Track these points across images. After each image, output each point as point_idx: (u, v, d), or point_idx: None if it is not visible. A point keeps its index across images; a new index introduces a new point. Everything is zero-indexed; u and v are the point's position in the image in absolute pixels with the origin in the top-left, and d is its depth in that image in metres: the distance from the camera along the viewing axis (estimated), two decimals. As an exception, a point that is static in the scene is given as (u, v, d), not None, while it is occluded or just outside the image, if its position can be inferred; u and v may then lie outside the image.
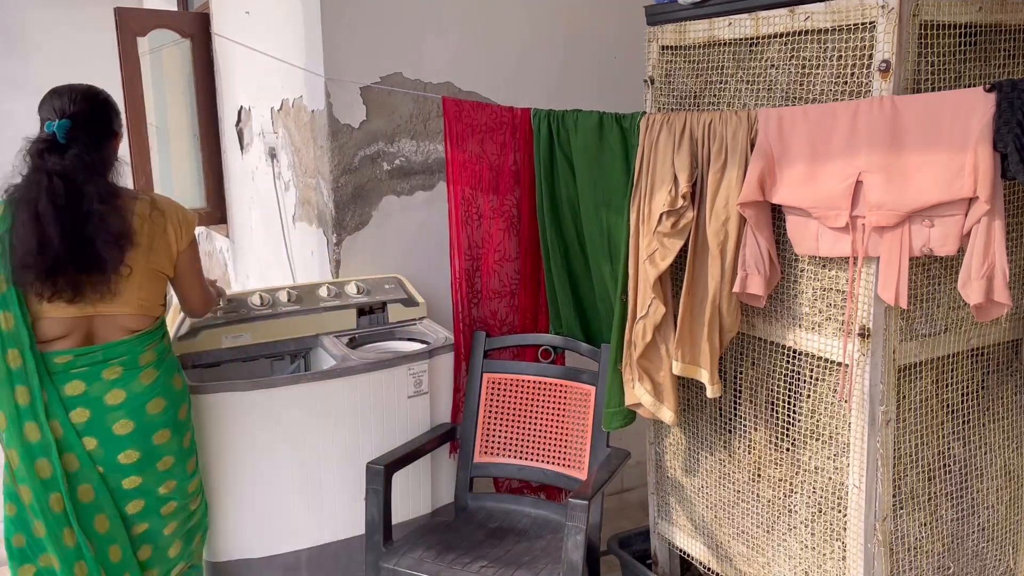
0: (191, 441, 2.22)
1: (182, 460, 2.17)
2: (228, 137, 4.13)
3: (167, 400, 2.09)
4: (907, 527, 1.90)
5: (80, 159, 1.94)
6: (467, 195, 2.63)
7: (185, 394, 2.20)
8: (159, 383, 2.08)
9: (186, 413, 2.20)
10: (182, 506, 2.20)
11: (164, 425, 2.09)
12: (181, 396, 2.17)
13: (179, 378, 2.18)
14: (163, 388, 2.09)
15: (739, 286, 1.96)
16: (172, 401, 2.11)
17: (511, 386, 2.61)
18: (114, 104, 2.14)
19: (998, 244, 1.57)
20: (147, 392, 2.05)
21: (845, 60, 1.75)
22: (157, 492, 2.12)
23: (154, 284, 2.08)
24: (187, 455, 2.19)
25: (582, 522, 2.01)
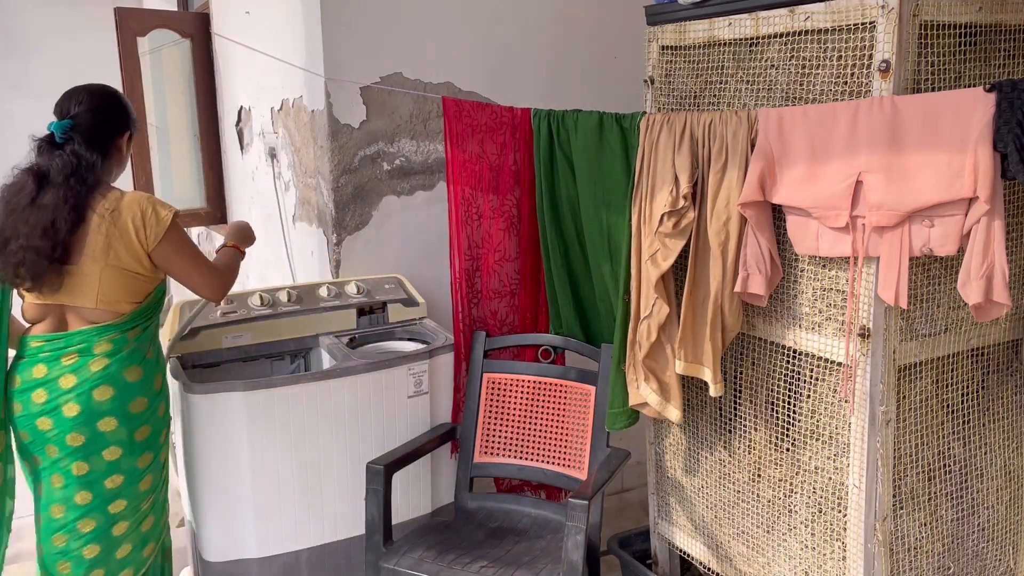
0: (148, 439, 2.18)
1: (131, 454, 2.14)
2: (228, 137, 4.13)
3: (115, 389, 2.10)
4: (907, 527, 1.90)
5: (71, 158, 2.06)
6: (467, 195, 2.63)
7: (145, 390, 2.15)
8: (108, 371, 2.10)
9: (143, 408, 2.15)
10: (132, 506, 2.18)
11: (110, 413, 2.09)
12: (137, 389, 2.13)
13: (137, 371, 2.13)
14: (112, 377, 2.10)
15: (740, 286, 1.96)
16: (121, 391, 2.10)
17: (511, 386, 2.61)
18: (121, 102, 2.21)
19: (998, 244, 1.57)
20: (95, 379, 2.08)
21: (845, 60, 1.75)
22: (104, 485, 2.13)
23: (119, 281, 2.09)
24: (139, 450, 2.16)
25: (582, 522, 2.01)
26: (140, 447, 2.16)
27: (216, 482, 2.36)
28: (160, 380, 2.22)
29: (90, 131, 2.10)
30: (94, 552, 2.16)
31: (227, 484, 2.36)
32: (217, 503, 2.37)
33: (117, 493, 2.16)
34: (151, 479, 2.22)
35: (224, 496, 2.37)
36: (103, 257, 2.06)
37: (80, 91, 2.15)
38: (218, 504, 2.37)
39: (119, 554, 2.20)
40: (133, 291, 2.13)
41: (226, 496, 2.36)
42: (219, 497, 2.37)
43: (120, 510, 2.17)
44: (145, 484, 2.20)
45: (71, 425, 2.07)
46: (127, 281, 2.11)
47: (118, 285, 2.10)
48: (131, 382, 2.12)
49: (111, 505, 2.16)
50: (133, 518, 2.20)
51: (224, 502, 2.37)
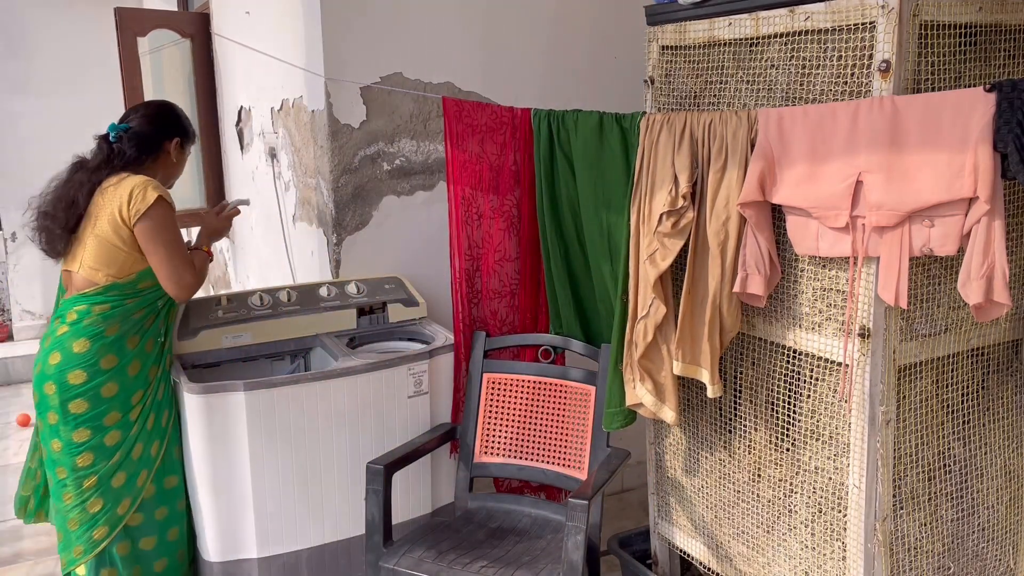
0: (85, 415, 2.28)
1: (65, 424, 2.28)
2: (228, 137, 4.13)
3: (62, 356, 2.27)
4: (907, 527, 1.90)
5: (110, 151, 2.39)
6: (467, 195, 2.63)
7: (87, 363, 2.26)
8: (63, 339, 2.28)
9: (80, 381, 2.26)
10: (74, 478, 2.30)
11: (51, 378, 2.27)
12: (78, 360, 2.26)
13: (84, 343, 2.26)
14: (63, 345, 2.28)
15: (739, 286, 1.96)
16: (65, 359, 2.27)
17: (511, 386, 2.61)
18: (175, 113, 2.55)
19: (998, 244, 1.57)
20: (53, 344, 2.30)
21: (845, 60, 1.75)
22: (51, 447, 2.32)
23: (99, 249, 2.30)
24: (71, 422, 2.28)
25: (582, 522, 2.01)
26: (74, 419, 2.28)
27: (216, 482, 2.36)
28: (113, 361, 2.30)
29: (139, 133, 2.42)
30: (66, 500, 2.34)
31: (227, 484, 2.36)
32: (217, 503, 2.37)
33: (58, 459, 2.32)
34: (90, 458, 2.30)
35: (224, 496, 2.37)
36: (91, 227, 2.30)
37: (142, 104, 2.56)
38: (218, 504, 2.37)
39: (70, 525, 2.33)
40: (111, 261, 2.30)
41: (226, 496, 2.36)
42: (219, 497, 2.37)
43: (63, 478, 2.32)
44: (84, 460, 2.30)
45: (35, 381, 2.32)
46: (105, 250, 2.29)
47: (98, 252, 2.29)
48: (75, 352, 2.27)
49: (57, 468, 2.33)
50: (75, 492, 2.31)
51: (224, 502, 2.37)
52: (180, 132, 2.51)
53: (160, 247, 2.29)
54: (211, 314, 2.58)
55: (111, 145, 2.40)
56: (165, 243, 2.29)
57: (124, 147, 2.38)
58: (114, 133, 2.40)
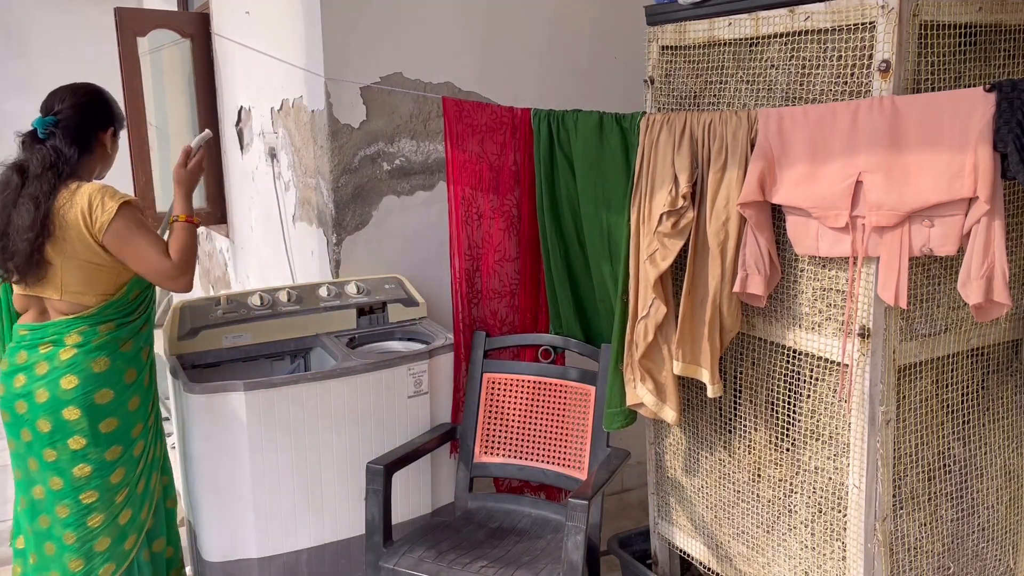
0: (117, 432, 2.20)
1: (96, 445, 2.18)
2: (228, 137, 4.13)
3: (80, 379, 2.15)
4: (907, 527, 1.90)
5: (51, 153, 2.12)
6: (467, 195, 2.63)
7: (112, 382, 2.18)
8: (75, 361, 2.15)
9: (108, 400, 2.18)
10: (105, 499, 2.22)
11: (73, 403, 2.14)
12: (103, 380, 2.17)
13: (104, 361, 2.17)
14: (79, 367, 2.15)
15: (739, 286, 1.96)
16: (86, 381, 2.15)
17: (511, 386, 2.61)
18: (104, 98, 2.27)
19: (998, 244, 1.57)
20: (63, 368, 2.15)
21: (845, 60, 1.75)
22: (72, 473, 2.18)
23: (78, 272, 2.14)
24: (104, 442, 2.19)
25: (582, 522, 2.01)
26: (106, 439, 2.19)
27: (216, 482, 2.36)
28: (134, 375, 2.24)
29: (72, 127, 2.15)
30: (71, 540, 2.21)
31: (227, 484, 2.36)
32: (217, 503, 2.37)
33: (87, 483, 2.20)
34: (123, 473, 2.24)
35: (224, 496, 2.37)
36: (61, 250, 2.11)
37: (64, 89, 2.21)
38: (218, 504, 2.37)
39: (97, 547, 2.23)
40: (96, 282, 2.16)
41: (226, 496, 2.36)
42: (219, 497, 2.37)
43: (92, 501, 2.21)
44: (116, 477, 2.23)
45: (40, 411, 2.15)
46: (87, 272, 2.15)
47: (78, 276, 2.14)
48: (96, 372, 2.16)
49: (83, 495, 2.20)
50: (108, 511, 2.23)
51: (224, 502, 2.37)
52: (114, 120, 2.27)
53: (134, 251, 2.12)
54: (211, 314, 2.58)
55: (43, 143, 2.14)
56: (138, 245, 2.12)
57: (59, 146, 2.12)
58: (43, 129, 2.15)
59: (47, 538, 2.23)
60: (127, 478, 2.25)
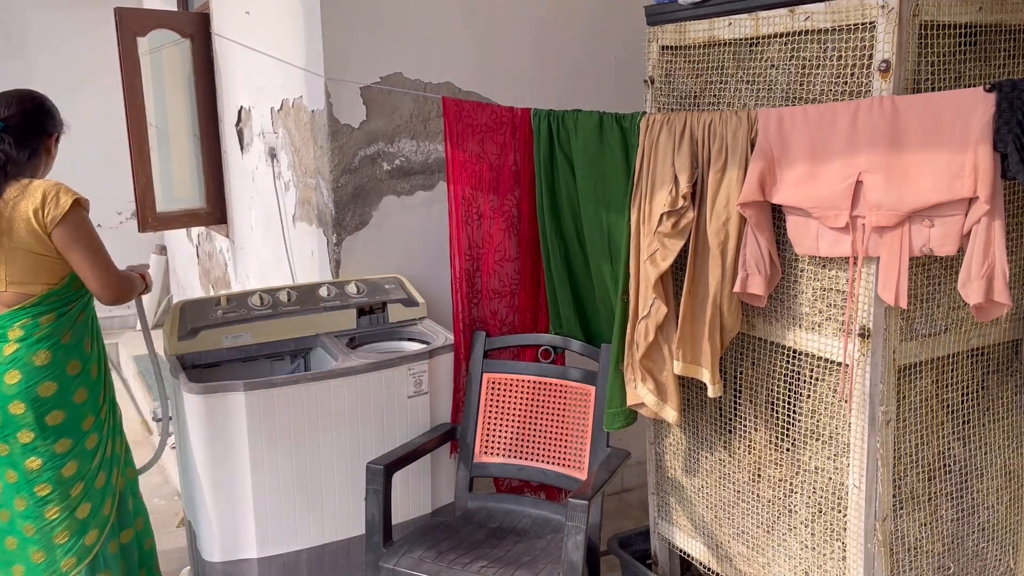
0: (63, 425, 2.25)
1: (44, 438, 2.23)
2: (228, 137, 4.13)
3: (22, 373, 2.21)
4: (907, 527, 1.90)
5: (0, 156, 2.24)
6: (467, 195, 2.63)
7: (54, 374, 2.23)
8: (17, 356, 2.21)
9: (51, 392, 2.22)
10: (60, 492, 2.26)
11: (17, 397, 2.20)
12: (44, 373, 2.22)
13: (45, 354, 2.22)
14: (19, 361, 2.21)
15: (740, 286, 1.96)
16: (28, 375, 2.21)
17: (511, 386, 2.60)
18: (46, 106, 2.38)
19: (998, 244, 1.57)
20: (5, 364, 2.21)
21: (845, 60, 1.75)
22: (25, 466, 2.24)
23: (24, 261, 2.21)
24: (52, 434, 2.24)
25: (582, 522, 2.01)
26: (54, 431, 2.25)
27: (216, 482, 2.36)
28: (78, 367, 2.28)
29: (21, 132, 2.28)
30: (31, 531, 2.28)
31: (227, 484, 2.36)
32: (217, 503, 2.37)
33: (38, 475, 2.25)
34: (76, 466, 2.29)
35: (224, 496, 2.36)
36: (7, 240, 2.19)
37: (10, 96, 2.33)
38: (218, 504, 2.37)
39: (57, 539, 2.29)
40: (40, 271, 2.23)
41: (226, 496, 2.36)
42: (219, 497, 2.37)
43: (47, 493, 2.26)
44: (69, 470, 2.28)
45: None
46: (32, 261, 2.21)
47: (24, 266, 2.21)
48: (38, 366, 2.22)
49: (36, 487, 2.26)
50: (63, 503, 2.28)
51: (224, 502, 2.37)
52: (57, 127, 2.40)
53: (79, 251, 2.22)
54: (211, 314, 2.58)
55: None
56: (84, 247, 2.22)
57: (7, 149, 2.24)
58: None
59: (9, 532, 2.30)
60: (81, 471, 2.30)
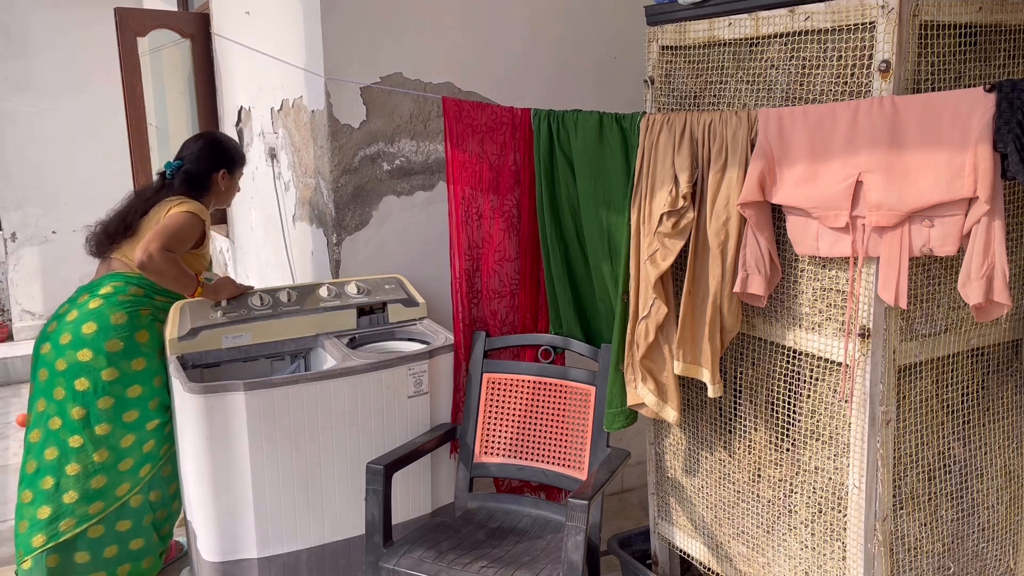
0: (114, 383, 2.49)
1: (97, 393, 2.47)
2: (228, 137, 4.12)
3: (99, 326, 2.50)
4: (907, 527, 1.90)
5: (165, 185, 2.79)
6: (467, 195, 2.63)
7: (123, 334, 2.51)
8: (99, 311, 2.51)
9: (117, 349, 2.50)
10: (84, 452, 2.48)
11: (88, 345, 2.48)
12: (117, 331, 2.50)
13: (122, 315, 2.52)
14: (100, 316, 2.51)
15: (740, 286, 1.96)
16: (103, 329, 2.50)
17: (511, 386, 2.60)
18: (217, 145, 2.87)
19: (998, 244, 1.57)
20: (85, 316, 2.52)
21: (845, 60, 1.75)
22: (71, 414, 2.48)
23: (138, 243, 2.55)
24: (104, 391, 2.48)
25: (582, 522, 2.00)
26: (104, 387, 2.47)
27: (216, 482, 2.36)
28: (146, 337, 2.54)
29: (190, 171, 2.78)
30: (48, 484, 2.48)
31: (227, 484, 2.35)
32: (217, 503, 2.37)
33: (75, 427, 2.47)
34: (108, 428, 2.49)
35: (224, 496, 2.36)
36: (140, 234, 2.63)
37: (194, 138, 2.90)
38: (218, 504, 2.37)
39: (66, 498, 2.48)
40: None
41: (226, 496, 2.36)
42: (219, 497, 2.37)
43: (77, 446, 2.48)
44: (102, 429, 2.48)
45: (60, 350, 2.48)
46: None
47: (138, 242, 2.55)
48: (112, 323, 2.50)
49: (71, 438, 2.47)
50: (84, 463, 2.47)
51: (224, 502, 2.37)
52: (226, 163, 2.83)
53: (161, 224, 2.54)
54: (211, 314, 2.58)
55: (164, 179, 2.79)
56: (167, 224, 2.54)
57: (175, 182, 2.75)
58: (169, 171, 2.79)
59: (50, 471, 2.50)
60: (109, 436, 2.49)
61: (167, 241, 2.50)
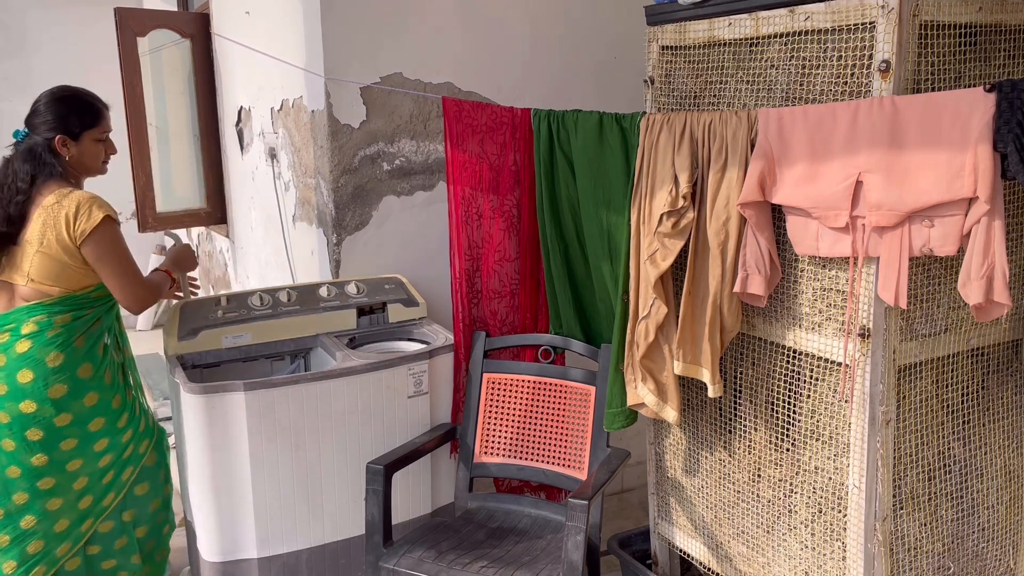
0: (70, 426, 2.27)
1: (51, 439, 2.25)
2: (228, 137, 4.13)
3: (35, 373, 2.22)
4: (907, 527, 1.90)
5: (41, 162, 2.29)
6: (467, 195, 2.63)
7: (67, 375, 2.25)
8: (30, 354, 2.22)
9: (61, 395, 2.23)
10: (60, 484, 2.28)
11: (30, 396, 2.21)
12: (57, 374, 2.23)
13: (58, 356, 2.23)
14: (34, 361, 2.22)
15: (740, 286, 1.96)
16: (41, 375, 2.22)
17: (511, 386, 2.60)
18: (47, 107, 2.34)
19: (998, 244, 1.57)
20: (18, 360, 2.22)
21: (845, 60, 1.75)
22: (31, 463, 2.25)
23: (49, 266, 2.23)
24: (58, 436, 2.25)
25: (582, 522, 2.01)
26: (61, 432, 2.25)
27: (216, 482, 2.36)
28: (89, 370, 2.29)
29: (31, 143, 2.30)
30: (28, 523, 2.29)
31: (227, 484, 2.35)
32: (217, 503, 2.37)
33: (42, 472, 2.26)
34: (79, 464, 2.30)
35: (224, 496, 2.36)
36: (37, 243, 2.22)
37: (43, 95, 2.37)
38: (218, 504, 2.37)
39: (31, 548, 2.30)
40: (63, 277, 2.25)
41: (226, 496, 2.36)
42: (219, 497, 2.37)
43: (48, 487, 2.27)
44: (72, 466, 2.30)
45: (1, 403, 2.22)
46: (57, 267, 2.24)
47: (49, 269, 2.23)
48: (51, 366, 2.23)
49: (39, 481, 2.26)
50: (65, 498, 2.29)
51: (224, 502, 2.37)
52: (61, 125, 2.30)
53: (108, 264, 2.25)
54: (211, 314, 2.58)
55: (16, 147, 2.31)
56: (114, 260, 2.26)
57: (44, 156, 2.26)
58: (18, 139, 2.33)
59: None
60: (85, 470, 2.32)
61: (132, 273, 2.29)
